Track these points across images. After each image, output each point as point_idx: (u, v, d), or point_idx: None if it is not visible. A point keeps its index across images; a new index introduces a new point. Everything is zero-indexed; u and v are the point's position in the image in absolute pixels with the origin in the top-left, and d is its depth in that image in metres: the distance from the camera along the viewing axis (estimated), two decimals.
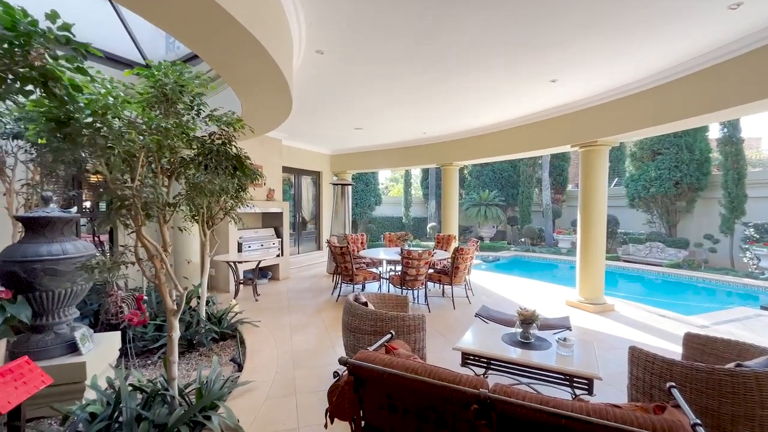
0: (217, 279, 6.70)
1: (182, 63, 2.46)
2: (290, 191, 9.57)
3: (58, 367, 2.85)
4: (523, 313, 2.90)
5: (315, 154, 9.88)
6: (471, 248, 5.65)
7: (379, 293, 3.68)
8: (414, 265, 5.20)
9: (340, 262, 5.73)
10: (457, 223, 8.67)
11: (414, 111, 6.18)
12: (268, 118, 4.38)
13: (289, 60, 3.33)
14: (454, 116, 6.53)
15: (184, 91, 2.49)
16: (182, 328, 4.23)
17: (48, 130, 1.93)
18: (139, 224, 2.26)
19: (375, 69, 4.30)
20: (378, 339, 2.74)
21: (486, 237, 15.69)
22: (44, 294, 2.91)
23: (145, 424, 2.20)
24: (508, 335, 3.03)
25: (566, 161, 16.13)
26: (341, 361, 1.67)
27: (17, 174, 3.78)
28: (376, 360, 1.68)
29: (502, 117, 6.61)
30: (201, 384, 2.79)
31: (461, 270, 5.61)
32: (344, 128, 7.42)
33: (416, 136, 8.26)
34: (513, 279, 8.09)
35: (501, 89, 5.04)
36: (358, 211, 16.84)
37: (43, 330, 2.98)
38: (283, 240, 7.67)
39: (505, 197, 16.32)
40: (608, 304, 5.63)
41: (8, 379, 2.14)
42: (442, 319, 5.10)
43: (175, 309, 2.56)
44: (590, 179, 5.62)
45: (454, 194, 8.61)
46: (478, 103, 5.71)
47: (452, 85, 4.88)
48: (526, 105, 5.85)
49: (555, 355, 2.71)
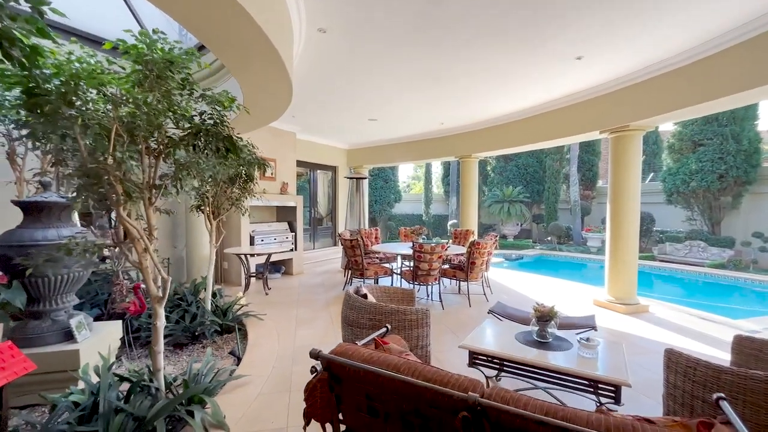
0: (230, 272, 6.67)
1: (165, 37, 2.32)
2: (307, 186, 9.49)
3: (52, 354, 2.80)
4: (540, 308, 2.58)
5: (331, 148, 9.75)
6: (488, 243, 5.30)
7: (384, 286, 3.44)
8: (426, 260, 4.92)
9: (351, 256, 5.54)
10: (476, 218, 8.28)
11: (428, 98, 5.88)
12: (269, 103, 4.21)
13: (285, 38, 3.15)
14: (473, 104, 6.19)
15: (174, 69, 2.35)
16: (188, 319, 4.17)
17: (23, 103, 1.83)
18: (119, 205, 2.13)
19: (382, 49, 4.04)
20: (370, 334, 2.51)
21: (509, 235, 15.10)
22: (40, 280, 2.87)
23: (121, 416, 2.07)
24: (523, 334, 2.72)
25: (596, 155, 15.27)
26: (312, 354, 1.45)
27: (28, 163, 3.81)
28: (353, 354, 1.44)
29: (523, 104, 6.20)
30: (189, 377, 2.67)
31: (477, 266, 5.28)
32: (358, 119, 7.22)
33: (433, 127, 7.95)
34: (537, 278, 7.63)
35: (521, 70, 4.67)
36: (378, 208, 16.66)
37: (40, 316, 2.94)
38: (296, 234, 7.57)
39: (530, 194, 15.65)
40: (641, 304, 5.13)
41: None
42: (456, 316, 4.80)
43: (160, 296, 2.43)
44: (621, 168, 5.14)
45: (473, 188, 8.23)
46: (498, 88, 5.35)
47: (468, 69, 4.56)
48: (550, 89, 5.43)
49: (576, 357, 2.38)
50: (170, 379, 2.59)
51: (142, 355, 3.69)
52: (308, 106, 6.29)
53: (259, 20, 2.44)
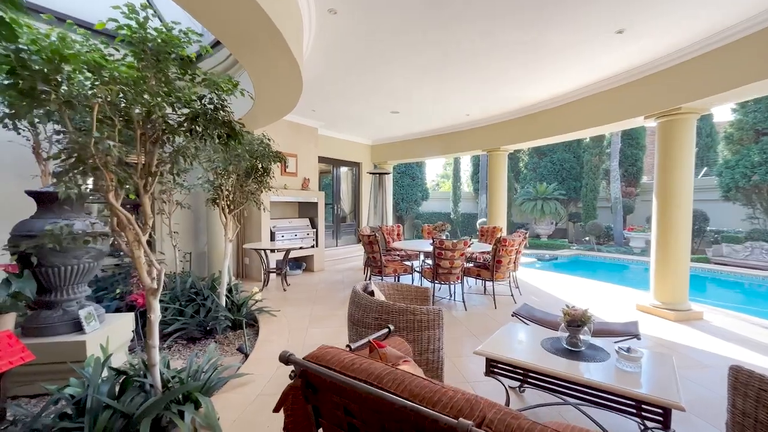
0: (251, 267, 6.67)
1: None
2: (330, 183, 9.40)
3: (60, 344, 2.79)
4: (570, 312, 2.24)
5: (354, 144, 9.60)
6: (516, 240, 4.90)
7: (397, 284, 3.19)
8: (447, 257, 4.61)
9: (369, 252, 5.33)
10: (505, 215, 7.82)
11: (452, 88, 5.55)
12: (279, 92, 4.04)
13: (290, 19, 2.98)
14: (500, 92, 5.78)
15: (170, 48, 2.22)
16: (203, 313, 4.13)
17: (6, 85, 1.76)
18: (108, 191, 2.03)
19: (397, 29, 3.75)
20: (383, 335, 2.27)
21: (543, 234, 14.31)
22: (50, 270, 2.87)
23: (108, 412, 1.97)
24: (551, 340, 2.37)
25: (640, 149, 14.13)
26: (282, 357, 1.23)
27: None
28: (331, 360, 1.21)
29: (556, 89, 5.71)
30: (188, 373, 2.55)
31: (504, 264, 4.89)
32: (380, 112, 6.99)
33: (459, 119, 7.58)
34: (572, 279, 7.05)
35: (555, 50, 4.24)
36: (404, 206, 16.38)
37: (52, 306, 2.95)
38: (317, 231, 7.47)
39: (565, 190, 14.75)
40: (694, 310, 4.54)
41: None
42: (479, 318, 4.45)
43: (154, 288, 2.32)
44: (670, 158, 4.56)
45: (502, 183, 7.77)
46: (528, 73, 4.93)
47: (492, 50, 4.21)
48: (586, 71, 4.93)
49: (614, 370, 2.02)
50: (168, 376, 2.48)
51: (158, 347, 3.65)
52: (328, 99, 6.14)
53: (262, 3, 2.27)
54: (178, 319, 3.84)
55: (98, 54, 1.97)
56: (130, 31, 2.07)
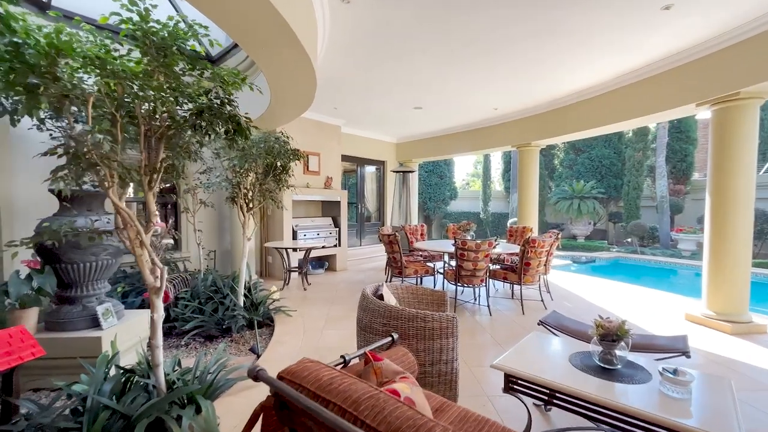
0: (274, 266, 6.70)
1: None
2: (355, 182, 9.32)
3: (77, 340, 2.84)
4: (604, 324, 1.95)
5: (379, 142, 9.45)
6: (547, 241, 4.54)
7: (413, 286, 3.00)
8: (470, 258, 4.34)
9: (389, 252, 5.16)
10: (536, 214, 7.38)
11: (477, 80, 5.25)
12: (294, 89, 3.95)
13: (300, 12, 2.86)
14: (531, 83, 5.40)
15: (172, 40, 2.16)
16: (221, 311, 4.13)
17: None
18: (107, 187, 1.99)
19: (416, 14, 3.52)
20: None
21: (580, 235, 13.51)
22: (70, 266, 2.93)
23: (106, 413, 1.93)
24: (581, 355, 2.09)
25: (691, 143, 12.97)
26: (250, 373, 1.09)
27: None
28: (307, 378, 1.05)
29: (592, 78, 5.26)
30: (194, 373, 2.50)
31: (533, 267, 4.55)
32: (402, 108, 6.78)
33: (486, 114, 7.22)
34: (611, 284, 6.51)
35: (591, 33, 3.87)
36: (432, 206, 16.06)
37: (72, 302, 3.02)
38: (340, 230, 7.40)
39: (605, 189, 13.84)
40: (756, 323, 3.99)
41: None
42: (505, 325, 4.16)
43: (157, 286, 2.27)
44: (728, 150, 4.03)
45: (533, 181, 7.34)
46: (561, 63, 4.56)
47: (517, 36, 3.90)
48: (627, 56, 4.49)
49: (657, 394, 1.73)
50: (175, 377, 2.44)
51: (174, 345, 3.69)
52: (348, 95, 6.03)
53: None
54: (196, 317, 3.85)
55: (100, 46, 1.94)
56: (132, 24, 2.02)
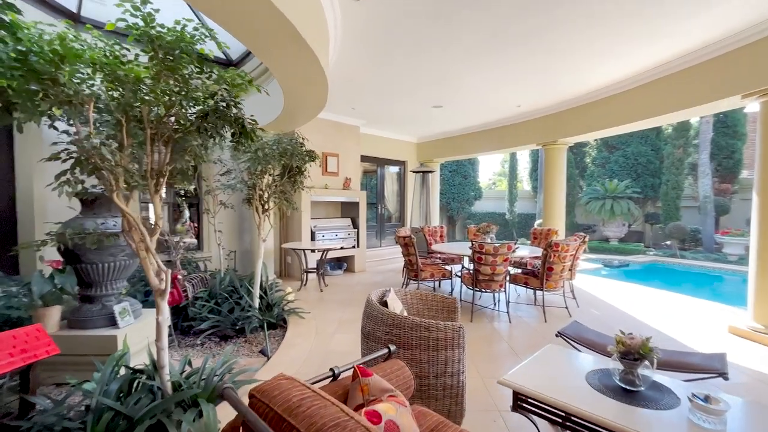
0: (292, 267, 6.75)
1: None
2: (375, 182, 9.26)
3: (95, 338, 2.92)
4: (625, 340, 1.76)
5: (399, 142, 9.35)
6: (571, 244, 4.28)
7: (423, 292, 2.88)
8: (488, 262, 4.16)
9: (404, 255, 5.05)
10: (562, 216, 7.02)
11: (499, 75, 5.04)
12: (306, 91, 3.91)
13: (307, 13, 2.82)
14: (556, 77, 5.12)
15: (176, 44, 2.17)
16: (237, 311, 4.18)
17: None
18: (112, 191, 2.02)
19: (430, 8, 3.38)
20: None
21: (613, 237, 12.80)
22: (89, 266, 3.03)
23: (110, 414, 1.96)
24: (599, 373, 1.91)
25: (739, 138, 11.96)
26: (217, 390, 1.03)
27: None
28: (276, 398, 0.98)
29: (625, 71, 4.91)
30: (199, 375, 2.51)
31: (556, 272, 4.30)
32: (421, 107, 6.64)
33: (509, 111, 6.95)
34: (646, 290, 6.08)
35: (624, 20, 3.59)
36: (456, 206, 15.76)
37: (92, 300, 3.12)
38: (359, 231, 7.36)
39: (641, 188, 13.04)
40: None
41: (7, 345, 2.15)
42: (525, 333, 3.95)
43: (161, 289, 2.29)
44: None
45: (560, 181, 6.98)
46: (589, 57, 4.28)
47: (548, 26, 3.68)
48: (661, 47, 4.15)
49: (686, 423, 1.53)
50: (181, 379, 2.46)
51: (190, 344, 3.76)
52: (366, 95, 5.97)
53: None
54: (210, 317, 3.91)
55: (110, 51, 1.97)
56: (137, 29, 2.04)
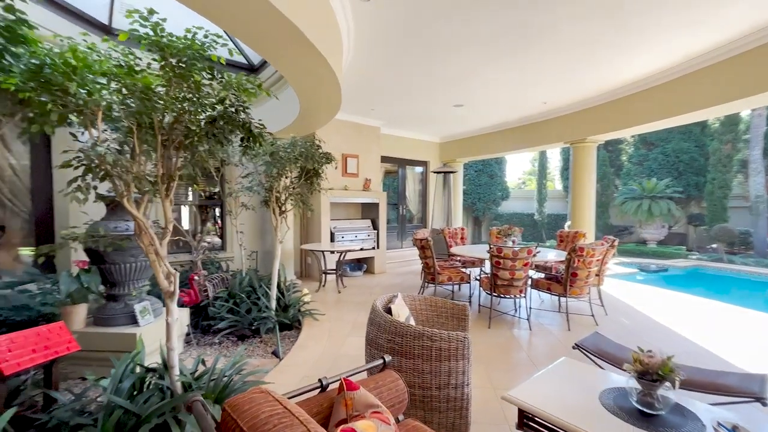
0: (312, 267, 6.82)
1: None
2: (396, 183, 9.21)
3: (117, 335, 3.06)
4: (642, 359, 1.61)
5: (421, 142, 9.23)
6: (598, 249, 4.03)
7: (433, 298, 2.81)
8: (507, 266, 4.00)
9: (421, 257, 4.96)
10: (592, 217, 6.66)
11: (521, 71, 4.84)
12: (315, 90, 3.87)
13: (316, 16, 2.81)
14: (584, 71, 4.84)
15: (188, 50, 2.22)
16: (255, 311, 4.26)
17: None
18: (122, 196, 2.10)
19: (442, 4, 3.31)
20: (396, 360, 1.96)
21: (651, 240, 12.04)
22: (113, 266, 3.18)
23: (119, 411, 2.03)
24: (614, 392, 1.76)
25: None
26: (186, 402, 1.02)
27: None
28: (245, 413, 0.95)
29: (658, 63, 4.58)
30: (209, 376, 2.56)
31: (581, 278, 4.07)
32: (442, 106, 6.50)
33: (534, 109, 6.67)
34: (685, 298, 5.63)
35: (657, 11, 3.34)
36: (481, 206, 15.40)
37: (116, 299, 3.27)
38: (378, 232, 7.33)
39: (683, 187, 12.18)
40: None
41: (31, 341, 2.28)
42: (546, 342, 3.76)
43: (171, 291, 2.36)
44: None
45: (589, 180, 6.63)
46: (619, 49, 4.02)
47: (575, 17, 3.49)
48: (702, 35, 3.82)
49: None
50: (190, 379, 2.51)
51: (208, 343, 3.86)
52: (384, 96, 5.93)
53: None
54: (228, 317, 4.00)
55: (120, 62, 2.04)
56: (147, 38, 2.10)
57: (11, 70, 1.69)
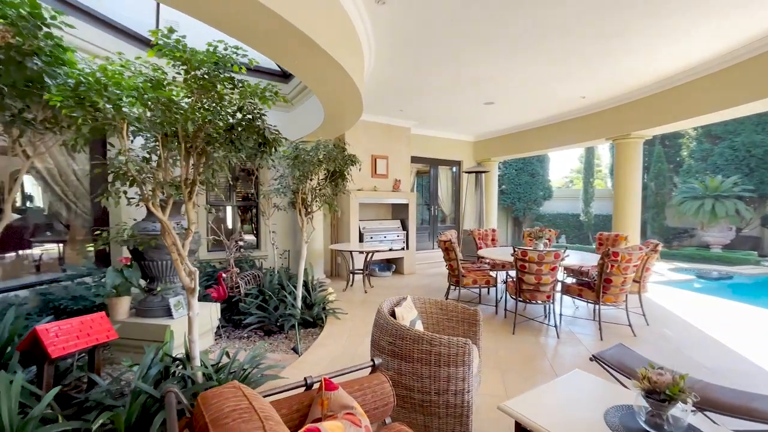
0: (342, 267, 6.96)
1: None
2: (428, 182, 9.13)
3: (153, 326, 3.35)
4: (650, 376, 1.48)
5: (454, 141, 9.07)
6: (635, 254, 3.73)
7: (444, 302, 2.76)
8: (532, 271, 3.82)
9: (446, 259, 4.88)
10: (637, 220, 6.16)
11: (552, 65, 4.61)
12: (335, 94, 3.94)
13: (326, 18, 2.88)
14: (624, 62, 4.50)
15: (210, 61, 2.38)
16: (282, 308, 4.44)
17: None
18: (147, 200, 2.30)
19: (461, 2, 3.25)
20: (395, 363, 1.98)
21: (715, 244, 10.87)
22: (151, 263, 3.49)
23: (143, 396, 2.22)
24: (621, 410, 1.64)
25: None
26: (163, 392, 1.10)
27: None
28: (212, 406, 1.02)
29: (714, 49, 4.13)
30: (228, 368, 2.72)
31: (615, 284, 3.79)
32: (472, 104, 6.34)
33: (571, 104, 6.30)
34: (750, 310, 4.99)
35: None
36: (521, 206, 14.78)
37: (155, 293, 3.59)
38: (408, 233, 7.32)
39: (755, 185, 10.86)
40: None
41: (75, 329, 2.56)
42: (574, 352, 3.54)
43: (192, 287, 2.54)
44: None
45: (634, 179, 6.14)
46: (664, 33, 3.70)
47: (608, 4, 3.27)
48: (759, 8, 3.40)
49: None
50: (212, 370, 2.68)
51: (237, 336, 4.08)
52: (411, 97, 5.91)
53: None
54: (256, 313, 4.21)
55: (149, 77, 2.24)
56: (171, 54, 2.28)
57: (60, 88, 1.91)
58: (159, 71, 2.34)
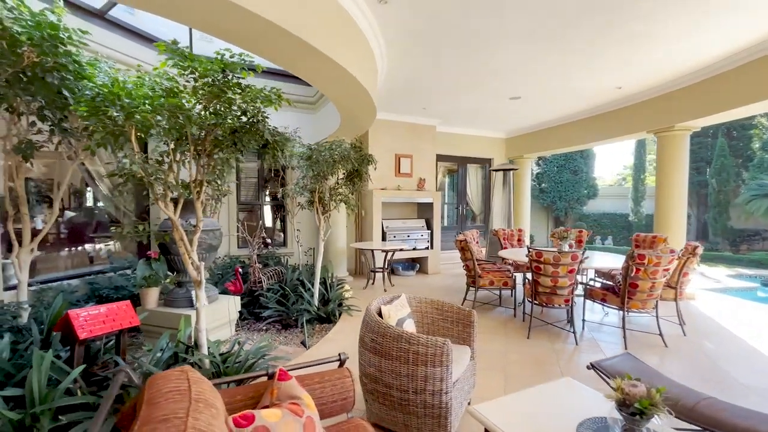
0: (366, 266, 7.05)
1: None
2: (456, 181, 8.97)
3: (174, 315, 3.61)
4: (623, 387, 1.38)
5: (483, 138, 8.81)
6: (664, 257, 3.41)
7: (440, 302, 2.72)
8: (548, 273, 3.64)
9: (462, 259, 4.78)
10: (682, 220, 5.59)
11: (578, 54, 4.34)
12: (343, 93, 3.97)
13: (327, 17, 2.95)
14: (666, 45, 4.11)
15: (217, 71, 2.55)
16: (300, 303, 4.61)
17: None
18: (157, 199, 2.51)
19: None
20: (376, 359, 2.01)
21: None
22: (176, 257, 3.78)
23: None
24: (596, 423, 1.53)
25: None
26: (115, 372, 1.21)
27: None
28: (157, 383, 1.11)
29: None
30: (232, 359, 2.89)
31: (642, 290, 3.49)
32: (496, 100, 6.12)
33: (607, 95, 5.86)
34: None
35: None
36: (562, 205, 14.00)
37: (181, 285, 3.89)
38: (432, 232, 7.24)
39: None
40: None
41: (102, 315, 2.86)
42: (590, 359, 3.26)
43: (199, 280, 2.73)
44: None
45: (680, 175, 5.57)
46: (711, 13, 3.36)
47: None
48: None
49: None
50: (219, 359, 2.85)
51: (256, 329, 4.30)
52: (432, 95, 5.85)
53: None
54: (274, 307, 4.41)
55: (162, 86, 2.44)
56: (182, 67, 2.47)
57: (80, 100, 2.16)
58: (173, 80, 2.54)
